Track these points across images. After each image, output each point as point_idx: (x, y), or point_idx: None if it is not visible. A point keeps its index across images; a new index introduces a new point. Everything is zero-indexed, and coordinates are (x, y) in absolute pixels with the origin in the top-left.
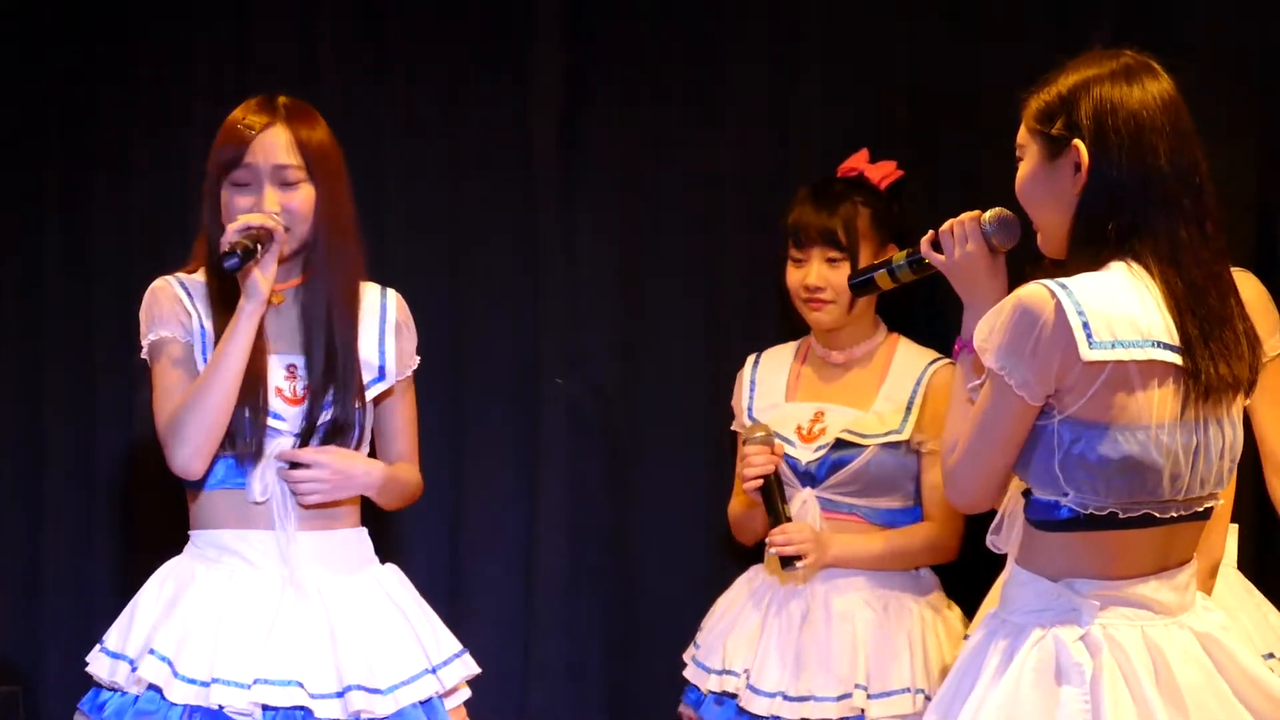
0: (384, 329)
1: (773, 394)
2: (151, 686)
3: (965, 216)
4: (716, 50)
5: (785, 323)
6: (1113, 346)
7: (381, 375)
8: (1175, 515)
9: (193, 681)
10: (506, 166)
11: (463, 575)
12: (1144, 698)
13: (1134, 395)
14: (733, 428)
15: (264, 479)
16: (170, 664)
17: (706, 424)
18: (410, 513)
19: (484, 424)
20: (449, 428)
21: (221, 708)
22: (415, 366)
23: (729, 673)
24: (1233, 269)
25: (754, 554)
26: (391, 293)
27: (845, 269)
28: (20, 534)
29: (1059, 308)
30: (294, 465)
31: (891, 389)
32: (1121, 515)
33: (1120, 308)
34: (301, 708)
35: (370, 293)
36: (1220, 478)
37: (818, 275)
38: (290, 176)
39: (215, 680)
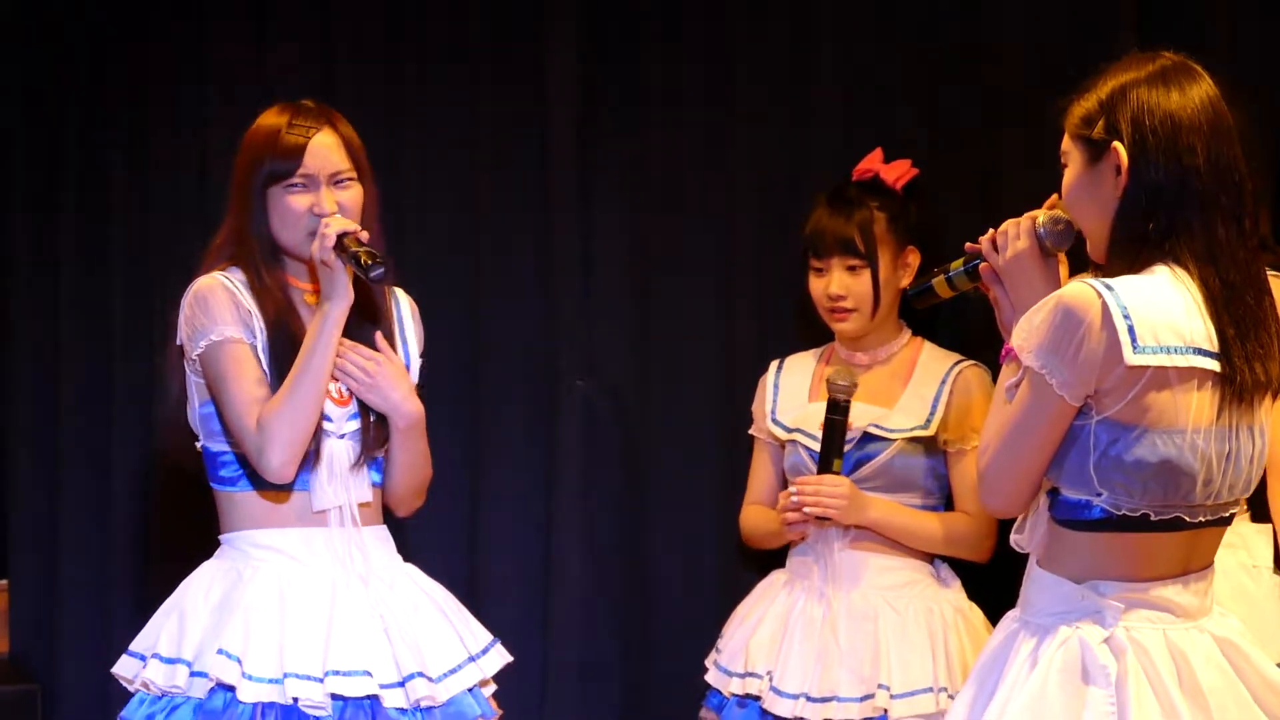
0: (403, 328)
1: (796, 396)
2: (220, 686)
3: (1022, 217)
4: (730, 50)
5: (802, 325)
6: (1156, 352)
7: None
8: (1203, 520)
9: (264, 679)
10: (521, 169)
11: (479, 576)
12: (1169, 701)
13: (1173, 399)
14: (750, 431)
15: (328, 487)
16: (239, 662)
17: (721, 425)
18: (426, 514)
19: (499, 425)
20: (464, 429)
21: (296, 701)
22: (422, 364)
23: (752, 675)
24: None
25: (773, 557)
26: (400, 292)
27: (866, 276)
28: (38, 532)
29: (1105, 309)
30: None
31: (917, 387)
32: (1154, 518)
33: (1164, 312)
34: (371, 697)
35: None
36: (1248, 484)
37: (839, 284)
38: (344, 177)
39: (288, 675)
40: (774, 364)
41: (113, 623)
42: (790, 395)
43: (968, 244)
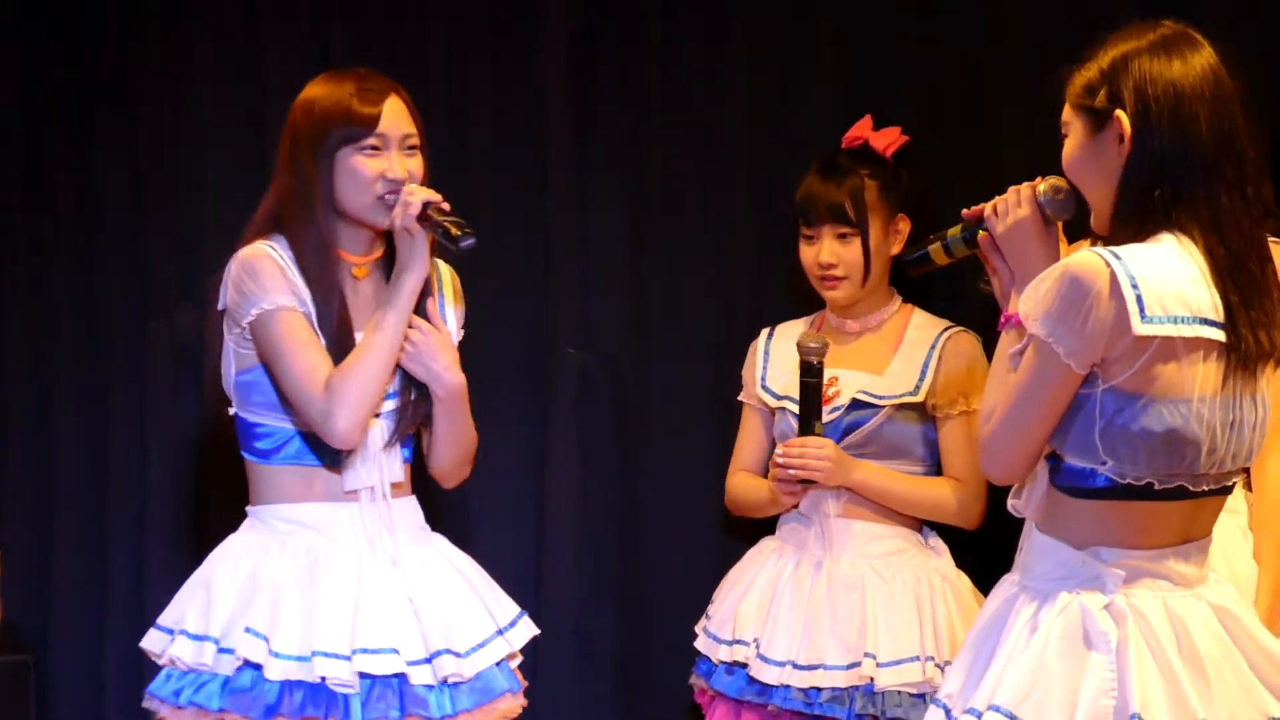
0: (442, 300)
1: (787, 363)
2: (247, 664)
3: (1023, 185)
4: (726, 23)
5: (797, 295)
6: (1163, 321)
7: None
8: (1206, 489)
9: (290, 657)
10: (518, 142)
11: (472, 544)
12: (1169, 667)
13: (1179, 369)
14: (740, 398)
15: (361, 468)
16: (266, 641)
17: (716, 395)
18: (419, 481)
19: (494, 394)
20: None
21: (324, 680)
22: (462, 336)
23: (739, 642)
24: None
25: (764, 525)
26: (441, 263)
27: (856, 244)
28: (31, 502)
29: (1114, 278)
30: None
31: (906, 354)
32: (1158, 487)
33: (1170, 282)
34: (399, 674)
35: None
36: (1250, 452)
37: (829, 252)
38: (412, 143)
39: (315, 653)
40: (765, 331)
41: (107, 593)
42: (780, 362)
43: (965, 210)
